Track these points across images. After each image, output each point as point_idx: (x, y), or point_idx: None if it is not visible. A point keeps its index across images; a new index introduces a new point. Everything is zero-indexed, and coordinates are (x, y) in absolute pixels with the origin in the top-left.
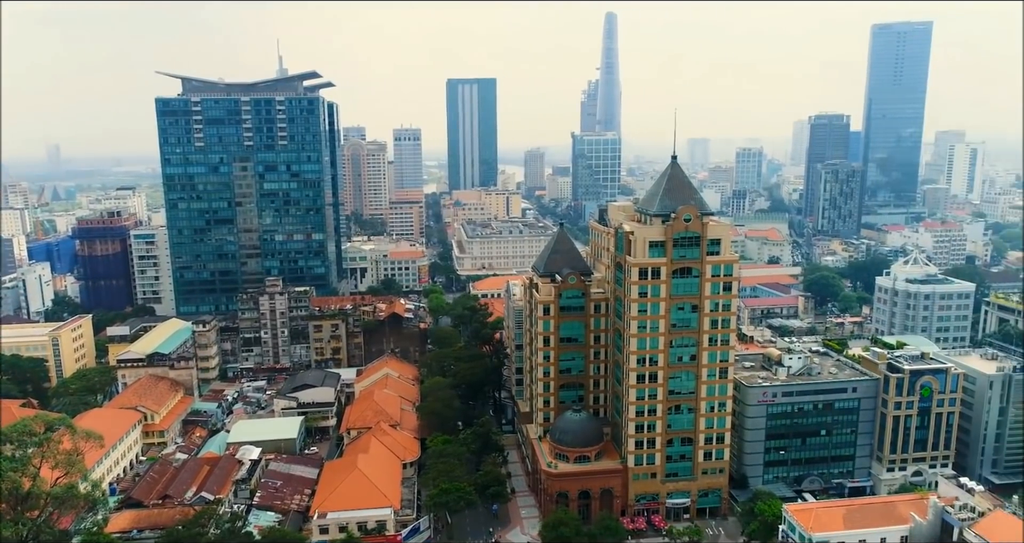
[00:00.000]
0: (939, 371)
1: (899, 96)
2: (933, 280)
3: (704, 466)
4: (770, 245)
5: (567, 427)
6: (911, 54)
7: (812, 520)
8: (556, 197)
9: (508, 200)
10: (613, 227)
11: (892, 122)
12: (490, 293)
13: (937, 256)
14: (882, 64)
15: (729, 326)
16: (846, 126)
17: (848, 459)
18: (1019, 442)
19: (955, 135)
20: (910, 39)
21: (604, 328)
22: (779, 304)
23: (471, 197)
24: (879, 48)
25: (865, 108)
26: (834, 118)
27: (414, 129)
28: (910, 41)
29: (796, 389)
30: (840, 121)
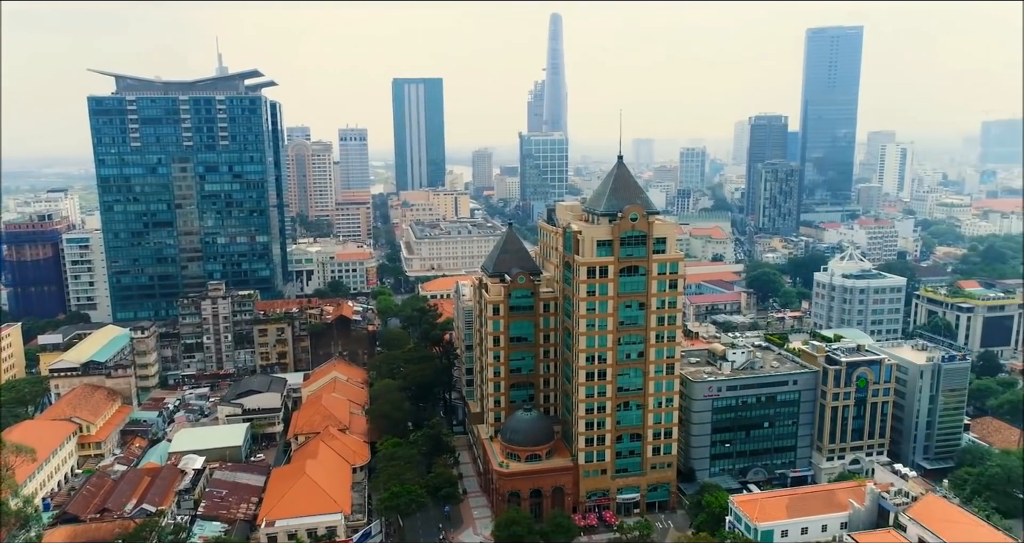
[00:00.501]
0: (874, 363)
1: (833, 98)
2: (867, 275)
3: (653, 461)
4: (714, 243)
5: (518, 426)
6: (844, 57)
7: (757, 510)
8: (504, 197)
9: (456, 200)
10: (561, 227)
11: (827, 123)
12: (439, 294)
13: (871, 252)
14: (817, 67)
15: (675, 323)
16: (784, 127)
17: (790, 450)
18: (948, 429)
19: (886, 135)
20: (842, 43)
21: (553, 327)
22: (723, 300)
23: (419, 197)
24: (814, 51)
25: (802, 109)
26: (773, 119)
27: (360, 129)
28: (843, 45)
29: (740, 383)
30: (779, 122)
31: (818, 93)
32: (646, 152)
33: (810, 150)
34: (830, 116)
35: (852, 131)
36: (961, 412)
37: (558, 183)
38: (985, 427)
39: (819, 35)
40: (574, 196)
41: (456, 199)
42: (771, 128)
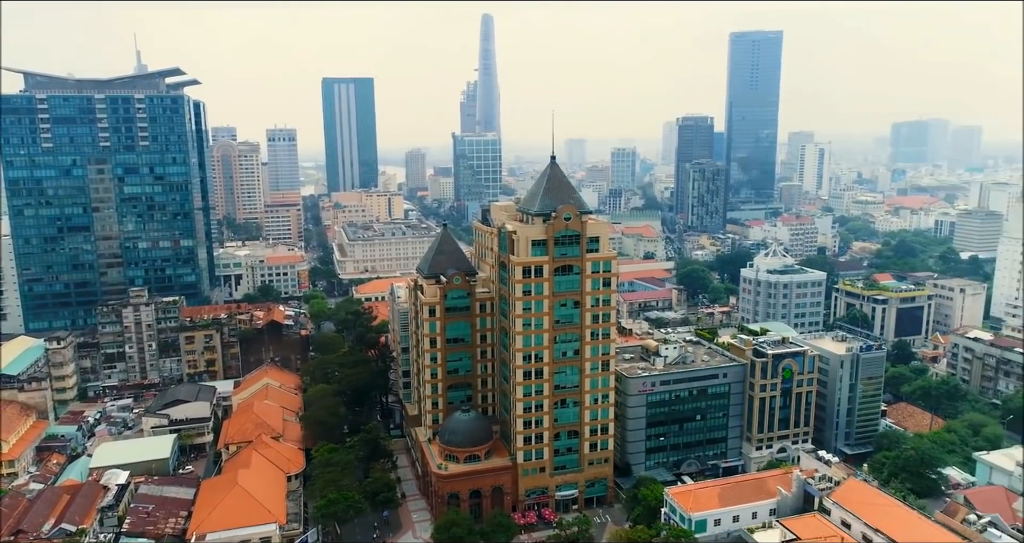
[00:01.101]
0: (798, 354)
1: (756, 99)
2: (790, 270)
3: (590, 457)
4: (645, 241)
5: (456, 428)
6: (765, 61)
7: (691, 501)
8: (439, 198)
9: (390, 201)
10: (496, 227)
11: (751, 124)
12: (374, 296)
13: (793, 248)
14: (740, 70)
15: (610, 320)
16: (710, 128)
17: (721, 441)
18: (866, 415)
19: (805, 136)
20: (763, 47)
21: (490, 327)
22: (655, 297)
23: (351, 199)
24: (737, 55)
25: (726, 111)
26: (699, 120)
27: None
28: (763, 49)
29: (673, 378)
30: (705, 123)
31: (741, 95)
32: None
33: (735, 150)
34: (753, 117)
35: (774, 132)
36: (878, 399)
37: (492, 183)
38: (900, 412)
39: (741, 39)
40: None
41: (389, 200)
42: (698, 129)
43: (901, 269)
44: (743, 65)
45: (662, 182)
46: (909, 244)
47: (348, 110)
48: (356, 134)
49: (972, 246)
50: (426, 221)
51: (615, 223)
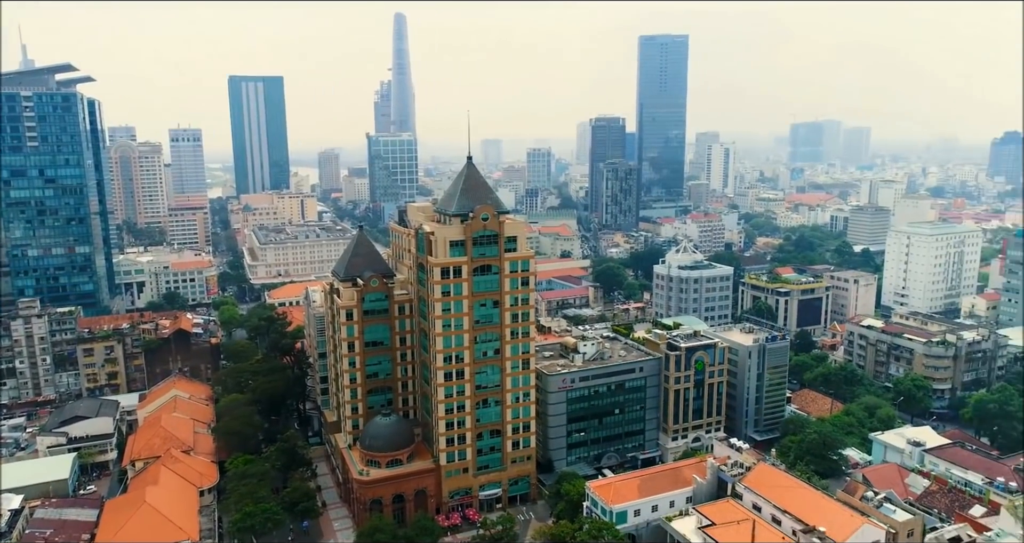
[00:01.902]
0: (709, 346)
1: (664, 101)
2: (700, 266)
3: (513, 455)
4: (562, 240)
5: (377, 432)
6: (672, 63)
7: (611, 493)
8: (354, 199)
9: (303, 203)
10: (413, 228)
11: (660, 124)
12: (288, 301)
13: (702, 244)
14: (649, 72)
15: (529, 319)
16: (622, 128)
17: (639, 433)
18: (773, 403)
19: (711, 136)
20: (671, 50)
21: (409, 329)
22: (572, 295)
23: (262, 201)
24: (646, 57)
25: (637, 112)
26: (612, 120)
27: (193, 129)
28: (671, 51)
29: (591, 373)
30: (617, 124)
31: (651, 96)
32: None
33: (646, 150)
34: (663, 118)
35: (682, 132)
36: (783, 387)
37: (408, 184)
38: (804, 399)
39: (650, 42)
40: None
41: (302, 202)
42: (610, 129)
43: (801, 263)
44: (652, 67)
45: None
46: (808, 239)
47: (257, 109)
48: (266, 134)
49: (864, 239)
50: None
51: (532, 223)
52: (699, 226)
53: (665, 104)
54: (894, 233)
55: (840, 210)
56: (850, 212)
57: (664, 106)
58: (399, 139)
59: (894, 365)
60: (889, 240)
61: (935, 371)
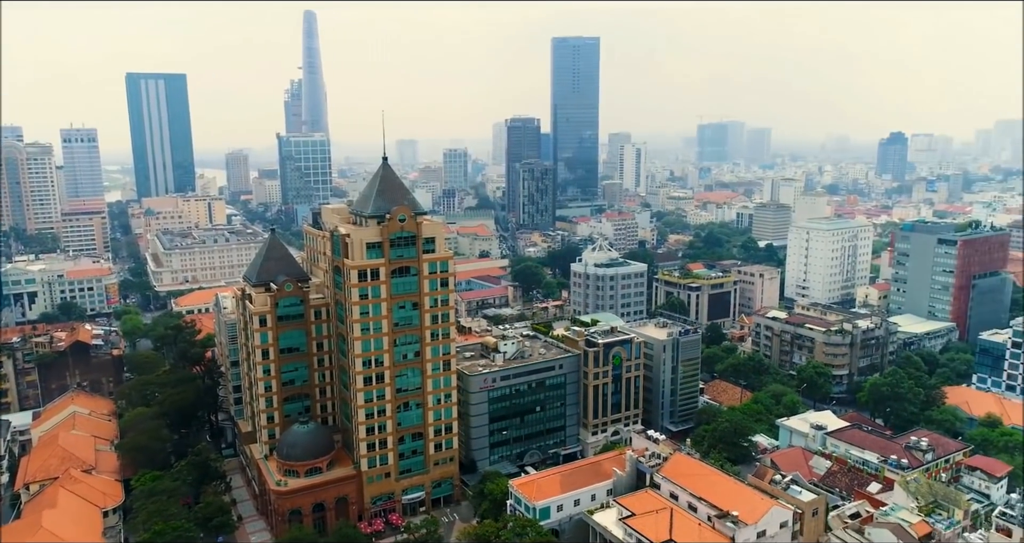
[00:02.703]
0: (625, 342)
1: (578, 102)
2: (615, 264)
3: (435, 457)
4: (480, 240)
5: (295, 441)
6: (584, 65)
7: (534, 490)
8: (265, 201)
9: (210, 206)
10: (328, 230)
11: (574, 125)
12: (197, 308)
13: (617, 242)
14: (562, 73)
15: (449, 320)
16: (537, 129)
17: (560, 429)
18: (687, 394)
19: (623, 137)
20: (583, 52)
21: (327, 334)
22: (491, 295)
23: (166, 204)
24: (559, 59)
25: (551, 112)
26: (527, 121)
27: (88, 129)
28: (583, 53)
29: (512, 372)
30: (532, 124)
31: (565, 97)
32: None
33: (561, 150)
34: (576, 119)
35: (595, 133)
36: (697, 378)
37: (322, 185)
38: (716, 389)
39: (563, 44)
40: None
41: (210, 205)
42: (526, 130)
43: (710, 258)
44: (565, 69)
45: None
46: (716, 235)
47: (158, 109)
48: (168, 134)
49: (767, 235)
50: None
51: (450, 223)
52: (614, 225)
53: (578, 105)
54: (795, 229)
55: (745, 207)
56: (754, 209)
57: (577, 107)
58: (311, 139)
59: (797, 354)
60: (790, 235)
61: (834, 358)
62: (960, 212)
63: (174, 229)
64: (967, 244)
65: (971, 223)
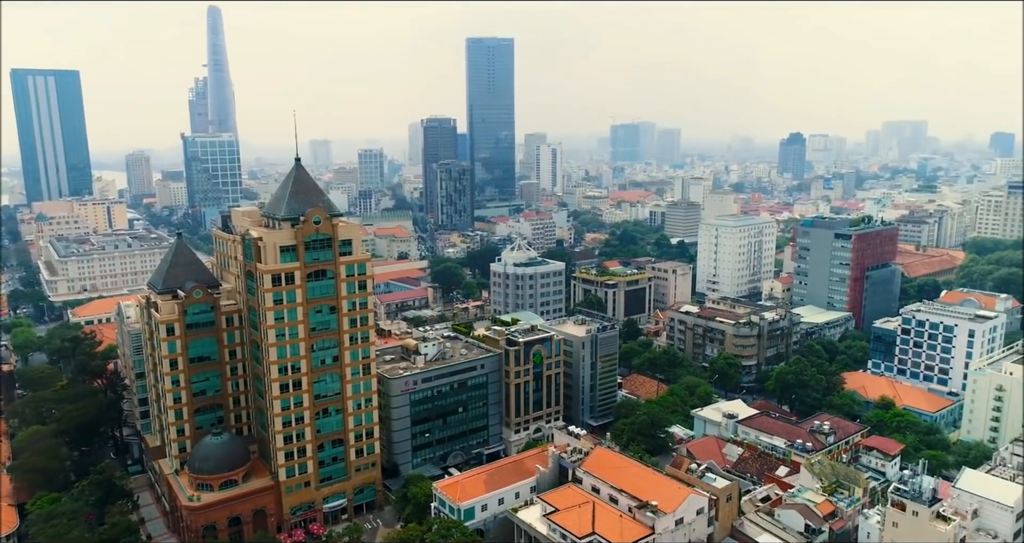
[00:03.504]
0: (546, 340)
1: (493, 102)
2: (534, 263)
3: (357, 464)
4: (398, 242)
5: (208, 453)
6: (499, 66)
7: (458, 491)
8: (169, 205)
9: (110, 210)
10: (239, 234)
11: (491, 126)
12: (97, 319)
13: (536, 242)
14: (477, 74)
15: (368, 323)
16: (454, 129)
17: (483, 429)
18: (606, 389)
19: (539, 137)
20: (498, 53)
21: (240, 341)
22: (411, 297)
23: (60, 209)
24: (474, 59)
25: (467, 113)
26: (443, 121)
27: None
28: (498, 55)
29: (434, 374)
30: (448, 125)
31: (480, 98)
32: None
33: (478, 151)
34: (493, 119)
35: (511, 133)
36: (615, 373)
37: (232, 188)
38: (633, 383)
39: (477, 45)
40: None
41: (109, 209)
42: (442, 130)
43: (626, 256)
44: (480, 69)
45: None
46: (631, 233)
47: (49, 108)
48: (61, 134)
49: (679, 232)
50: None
51: (367, 225)
52: (532, 224)
53: (494, 105)
54: (704, 226)
55: (658, 206)
56: (666, 208)
57: (493, 108)
58: (219, 140)
59: (709, 346)
60: (701, 232)
61: (743, 349)
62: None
63: (70, 235)
64: (860, 238)
65: (864, 219)
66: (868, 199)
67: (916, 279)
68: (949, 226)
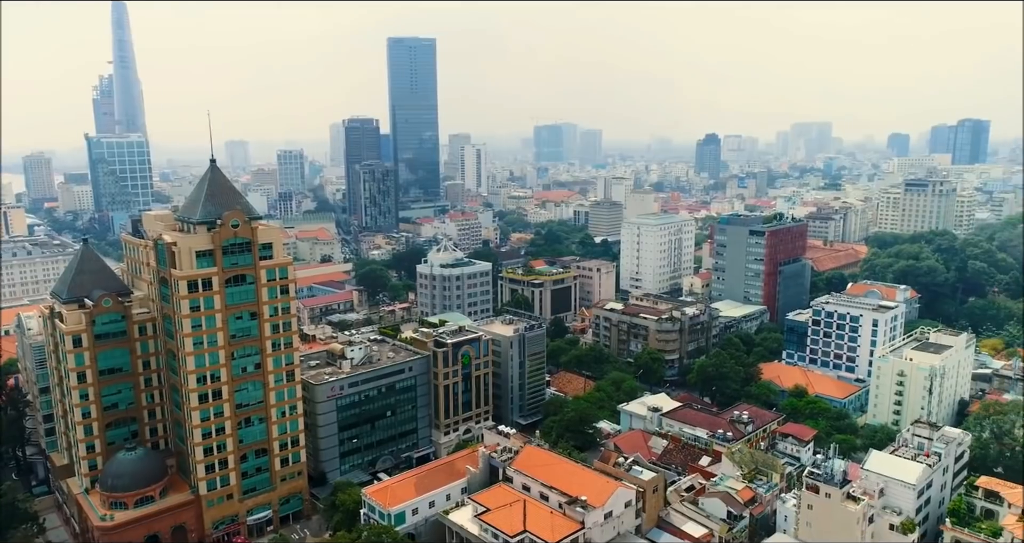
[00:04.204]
0: (474, 340)
1: (416, 103)
2: (461, 263)
3: (282, 473)
4: (321, 244)
5: (121, 470)
6: (421, 66)
7: (388, 496)
8: (74, 209)
9: (6, 215)
10: (152, 239)
11: (414, 126)
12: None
13: (462, 242)
14: (399, 74)
15: (291, 329)
16: (376, 130)
17: (412, 432)
18: (535, 387)
19: (463, 138)
20: (419, 53)
21: (154, 351)
22: (336, 300)
23: None
24: (395, 59)
25: (390, 113)
26: (365, 122)
27: None
28: (419, 55)
29: (361, 378)
30: (371, 125)
31: (403, 98)
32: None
33: (401, 151)
34: (416, 120)
35: (435, 134)
36: (543, 371)
37: (142, 190)
38: (561, 380)
39: (399, 44)
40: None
41: (6, 214)
42: (364, 131)
43: (551, 255)
44: (402, 69)
45: (333, 184)
46: (556, 233)
47: None
48: None
49: (603, 231)
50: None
51: (288, 228)
52: (457, 225)
53: (417, 106)
54: (627, 224)
55: (581, 205)
56: (590, 207)
57: (416, 108)
58: (127, 141)
59: (634, 342)
60: (623, 231)
61: (666, 344)
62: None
63: None
64: (773, 235)
65: (776, 216)
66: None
67: (824, 272)
68: (853, 222)
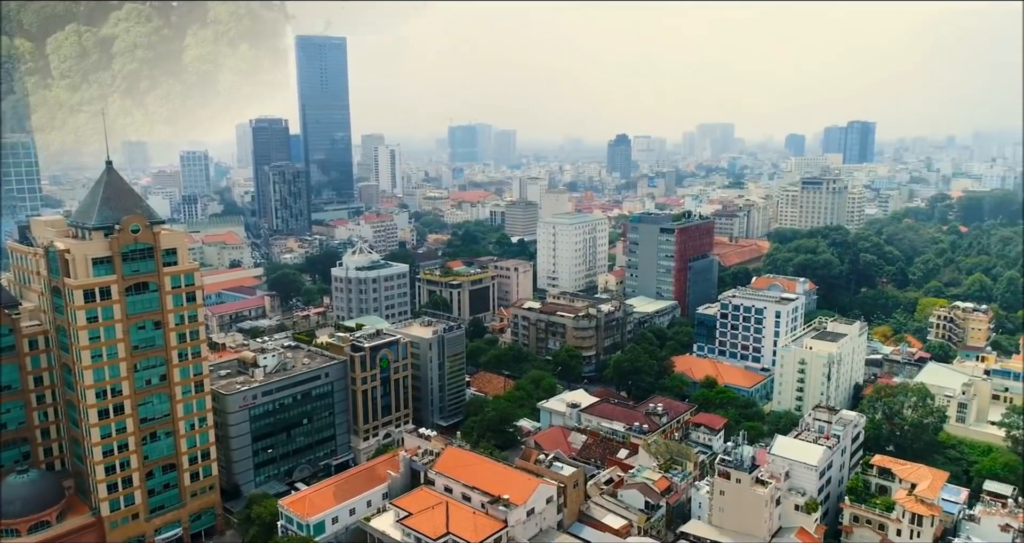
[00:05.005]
0: (392, 343)
1: (327, 103)
2: (377, 266)
3: (192, 488)
4: (229, 249)
5: (12, 494)
6: (332, 66)
7: (306, 506)
8: None
9: None
10: (42, 246)
11: (325, 126)
12: None
13: (377, 244)
14: (309, 74)
15: (198, 337)
16: (285, 130)
17: (330, 439)
18: (455, 388)
19: (377, 138)
20: (329, 52)
21: (47, 366)
22: (246, 306)
23: None
24: (304, 58)
25: (300, 114)
26: (274, 122)
27: None
28: (330, 54)
29: (275, 386)
30: (280, 125)
31: (313, 98)
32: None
33: (313, 152)
34: (327, 120)
35: (347, 134)
36: (463, 372)
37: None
38: (481, 380)
39: (308, 42)
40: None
41: None
42: (273, 131)
43: (469, 256)
44: (312, 69)
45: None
46: (473, 233)
47: None
48: None
49: (519, 231)
50: None
51: (193, 232)
52: (373, 227)
53: (328, 106)
54: (542, 224)
55: (497, 206)
56: (506, 207)
57: (327, 108)
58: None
59: (552, 340)
60: (539, 230)
61: (583, 341)
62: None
63: None
64: (683, 232)
65: (684, 214)
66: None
67: (730, 267)
68: (756, 218)
